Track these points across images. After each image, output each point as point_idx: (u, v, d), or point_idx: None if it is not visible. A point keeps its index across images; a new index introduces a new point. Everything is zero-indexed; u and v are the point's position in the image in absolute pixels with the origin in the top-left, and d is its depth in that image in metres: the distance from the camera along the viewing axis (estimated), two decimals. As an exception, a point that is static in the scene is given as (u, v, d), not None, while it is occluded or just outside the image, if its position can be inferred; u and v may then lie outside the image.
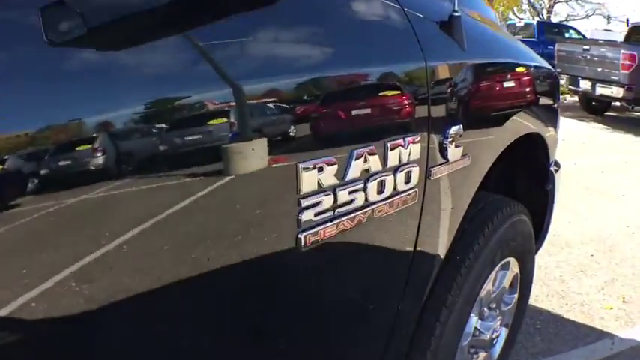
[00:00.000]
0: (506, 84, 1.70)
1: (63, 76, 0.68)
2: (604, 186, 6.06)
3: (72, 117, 0.67)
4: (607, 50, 9.83)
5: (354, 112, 1.11)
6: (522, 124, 1.83)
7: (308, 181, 0.98)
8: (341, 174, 1.04)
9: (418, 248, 1.35)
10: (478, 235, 1.68)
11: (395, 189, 1.19)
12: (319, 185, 1.00)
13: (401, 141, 1.18)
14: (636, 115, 10.81)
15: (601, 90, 9.80)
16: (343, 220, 1.08)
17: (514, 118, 1.71)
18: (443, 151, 1.32)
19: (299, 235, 1.00)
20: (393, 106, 1.19)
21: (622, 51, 9.49)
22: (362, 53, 1.13)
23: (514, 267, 2.07)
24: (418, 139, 1.22)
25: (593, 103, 10.89)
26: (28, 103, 0.64)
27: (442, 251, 1.49)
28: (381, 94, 1.16)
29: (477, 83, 1.49)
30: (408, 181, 1.23)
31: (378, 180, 1.14)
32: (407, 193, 1.23)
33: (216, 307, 0.93)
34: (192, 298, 0.88)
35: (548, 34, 15.60)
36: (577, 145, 7.93)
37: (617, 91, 9.51)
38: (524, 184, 2.35)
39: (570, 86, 10.62)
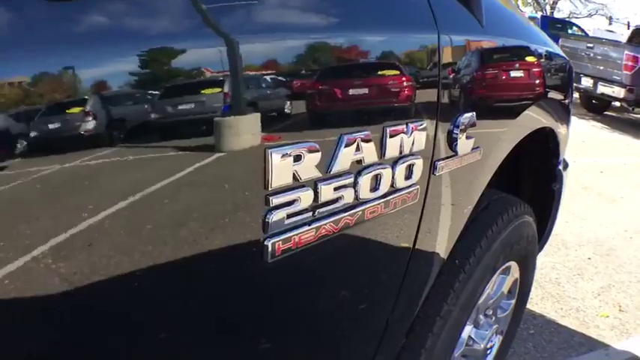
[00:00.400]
0: (526, 70, 1.51)
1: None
2: (603, 187, 6.02)
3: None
4: (610, 50, 9.87)
5: (346, 88, 0.90)
6: (537, 116, 1.64)
7: (280, 172, 0.77)
8: (325, 164, 0.84)
9: (415, 256, 1.16)
10: (481, 237, 1.50)
11: (393, 185, 0.99)
12: (295, 178, 0.80)
13: (403, 127, 0.98)
14: (635, 117, 10.86)
15: (602, 89, 9.82)
16: (325, 224, 0.87)
17: (530, 109, 1.52)
18: (452, 143, 1.12)
19: (266, 243, 0.80)
20: (396, 84, 0.98)
21: (626, 52, 9.53)
22: (362, 17, 0.93)
23: (515, 272, 1.91)
24: (424, 126, 1.02)
25: (594, 101, 10.91)
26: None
27: (441, 258, 1.31)
28: (382, 69, 0.95)
29: (495, 66, 1.29)
30: (409, 176, 1.03)
31: (373, 174, 0.94)
32: (407, 190, 1.03)
33: (170, 323, 0.75)
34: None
35: (551, 29, 15.57)
36: (577, 143, 7.85)
37: (618, 92, 9.55)
38: (530, 182, 2.17)
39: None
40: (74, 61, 0.57)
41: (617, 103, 10.60)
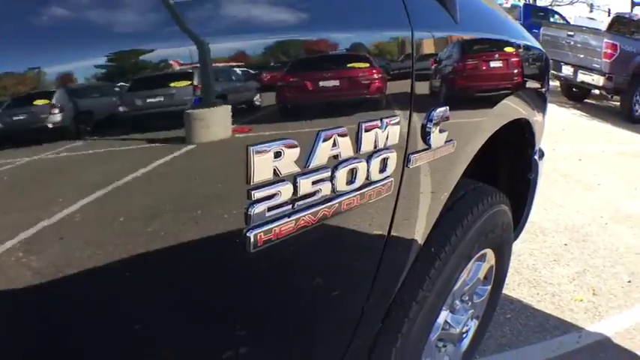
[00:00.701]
0: (499, 64, 1.54)
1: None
2: (581, 174, 6.11)
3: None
4: (590, 38, 9.96)
5: (322, 85, 0.93)
6: (512, 108, 1.68)
7: (261, 168, 0.80)
8: (304, 160, 0.87)
9: (389, 245, 1.20)
10: (456, 226, 1.54)
11: (367, 178, 1.03)
12: (276, 173, 0.83)
13: (378, 122, 1.01)
14: (614, 104, 10.91)
15: (582, 77, 9.94)
16: (304, 216, 0.91)
17: (504, 101, 1.56)
18: (425, 136, 1.16)
19: (248, 234, 0.83)
20: (370, 80, 1.01)
21: (605, 40, 9.64)
22: (336, 14, 0.96)
23: (490, 259, 1.96)
24: (397, 120, 1.05)
25: (574, 89, 11.02)
26: None
27: (416, 246, 1.35)
28: (356, 65, 0.98)
29: (467, 60, 1.33)
30: (383, 169, 1.06)
31: (349, 167, 0.98)
32: (381, 182, 1.07)
33: (152, 314, 0.79)
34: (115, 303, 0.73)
35: (534, 17, 15.69)
36: (556, 131, 7.96)
37: (597, 80, 9.67)
38: (506, 172, 2.22)
39: (553, 71, 10.62)
40: (40, 55, 0.58)
41: (597, 91, 10.69)
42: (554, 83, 11.52)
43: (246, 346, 0.98)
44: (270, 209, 0.84)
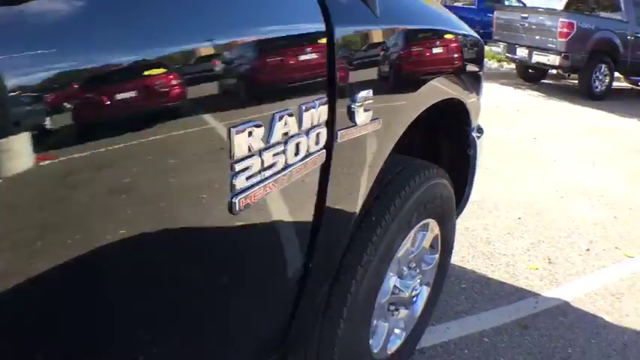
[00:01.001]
0: (420, 50, 1.73)
1: None
2: (536, 152, 6.18)
3: None
4: (545, 18, 10.07)
5: (274, 76, 1.15)
6: (439, 89, 1.88)
7: (240, 145, 1.02)
8: (266, 137, 1.09)
9: (329, 209, 1.39)
10: (395, 197, 1.73)
11: (307, 150, 1.24)
12: (249, 149, 1.05)
13: (312, 103, 1.22)
14: (572, 82, 11.06)
15: (538, 58, 10.07)
16: (269, 183, 1.14)
17: (430, 84, 1.75)
18: (351, 115, 1.36)
19: (233, 200, 1.05)
20: (301, 70, 1.21)
21: (560, 19, 9.75)
22: (262, 16, 1.14)
23: (434, 228, 2.15)
24: (326, 101, 1.26)
25: (530, 70, 11.16)
26: None
27: (352, 211, 1.54)
28: (285, 57, 1.17)
29: (389, 50, 1.50)
30: (317, 142, 1.27)
31: (295, 142, 1.19)
32: (317, 153, 1.28)
33: (149, 267, 0.96)
34: (122, 263, 0.90)
35: (487, 1, 15.51)
36: (511, 113, 8.10)
37: (553, 59, 9.80)
38: (447, 149, 2.42)
39: (507, 54, 10.84)
40: None
41: (554, 71, 10.86)
42: (511, 66, 11.73)
43: (212, 295, 1.17)
44: (247, 178, 1.07)
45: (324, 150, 1.30)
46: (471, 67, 2.20)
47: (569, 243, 3.96)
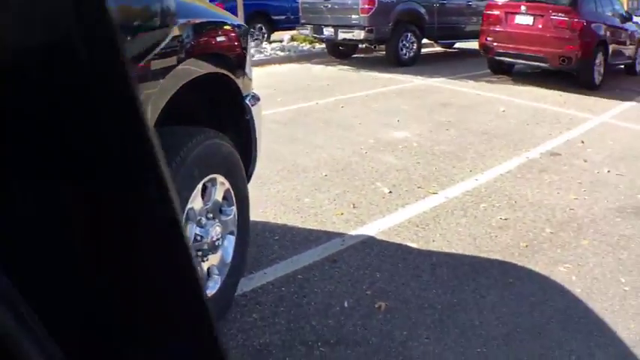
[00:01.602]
0: (165, 39, 2.11)
1: None
2: (342, 118, 6.69)
3: None
4: None
5: None
6: (192, 69, 2.27)
7: None
8: None
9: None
10: (175, 156, 2.12)
11: None
12: None
13: None
14: (381, 53, 11.85)
15: (343, 35, 10.79)
16: None
17: (181, 66, 2.14)
18: None
19: None
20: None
21: None
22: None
23: (224, 182, 2.56)
24: None
25: (340, 47, 11.90)
26: None
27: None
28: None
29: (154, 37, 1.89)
30: None
31: None
32: None
33: None
34: None
35: None
36: (320, 87, 8.62)
37: (358, 34, 10.54)
38: (230, 118, 2.85)
39: (315, 35, 11.52)
40: None
41: (363, 45, 11.55)
42: (322, 46, 12.44)
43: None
44: None
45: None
46: (231, 46, 2.65)
47: (372, 189, 4.47)
